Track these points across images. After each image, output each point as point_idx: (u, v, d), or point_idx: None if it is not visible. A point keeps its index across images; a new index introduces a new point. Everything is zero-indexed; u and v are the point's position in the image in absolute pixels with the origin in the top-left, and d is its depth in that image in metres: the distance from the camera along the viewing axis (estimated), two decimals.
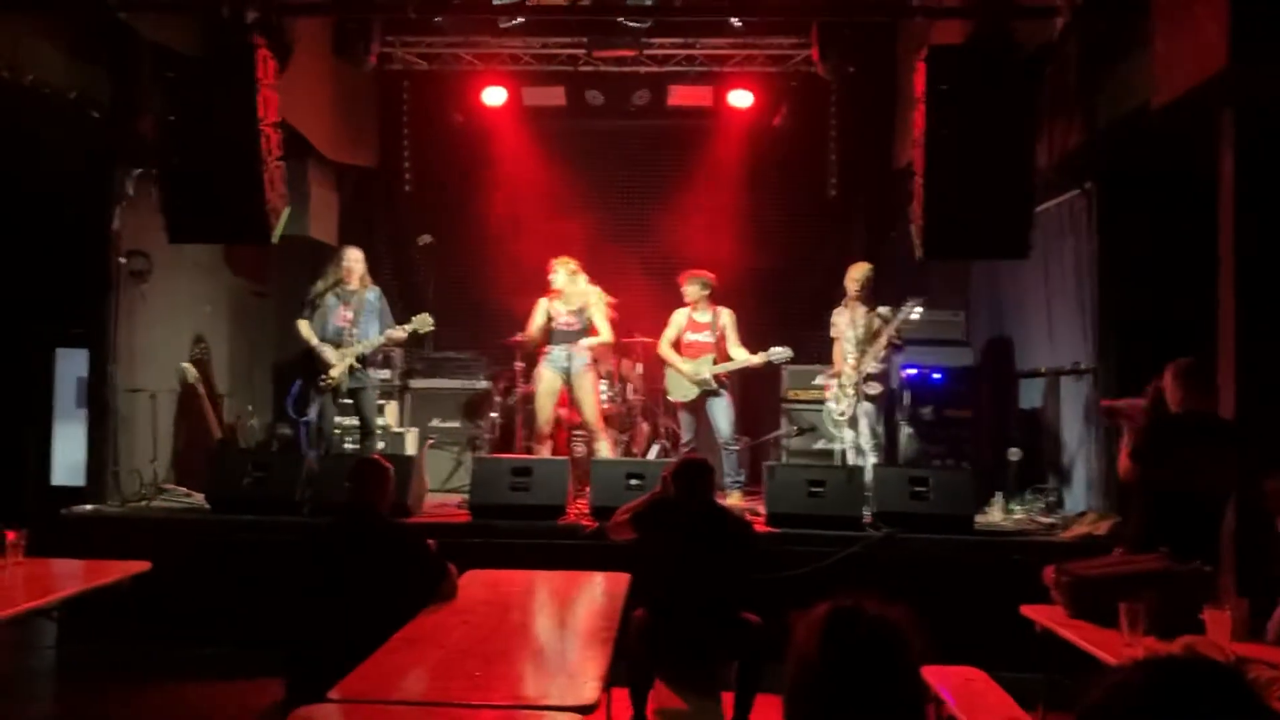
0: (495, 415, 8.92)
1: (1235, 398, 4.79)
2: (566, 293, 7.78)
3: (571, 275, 7.78)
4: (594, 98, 9.87)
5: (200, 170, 6.40)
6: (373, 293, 7.70)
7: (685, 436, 8.04)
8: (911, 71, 6.51)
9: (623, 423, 8.76)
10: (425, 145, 10.54)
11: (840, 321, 7.62)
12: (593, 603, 4.46)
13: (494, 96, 9.88)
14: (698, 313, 7.92)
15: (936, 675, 3.89)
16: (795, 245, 10.22)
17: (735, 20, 8.77)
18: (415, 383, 9.33)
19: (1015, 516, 7.05)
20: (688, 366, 7.80)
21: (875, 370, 7.42)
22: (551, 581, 4.87)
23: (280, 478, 6.72)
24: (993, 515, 7.12)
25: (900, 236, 7.67)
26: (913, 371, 8.41)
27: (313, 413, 7.51)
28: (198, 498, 7.16)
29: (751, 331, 8.02)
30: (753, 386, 9.19)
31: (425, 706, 2.94)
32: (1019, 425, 8.29)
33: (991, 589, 5.54)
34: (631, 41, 8.85)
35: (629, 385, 8.92)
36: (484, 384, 9.22)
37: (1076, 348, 7.27)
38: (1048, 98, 6.75)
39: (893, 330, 7.35)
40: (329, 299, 7.57)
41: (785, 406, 8.93)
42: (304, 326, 7.54)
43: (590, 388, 7.80)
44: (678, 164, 10.28)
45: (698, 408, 7.88)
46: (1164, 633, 3.45)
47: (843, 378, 7.47)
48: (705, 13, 8.58)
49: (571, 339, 7.76)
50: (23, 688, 5.81)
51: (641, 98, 9.80)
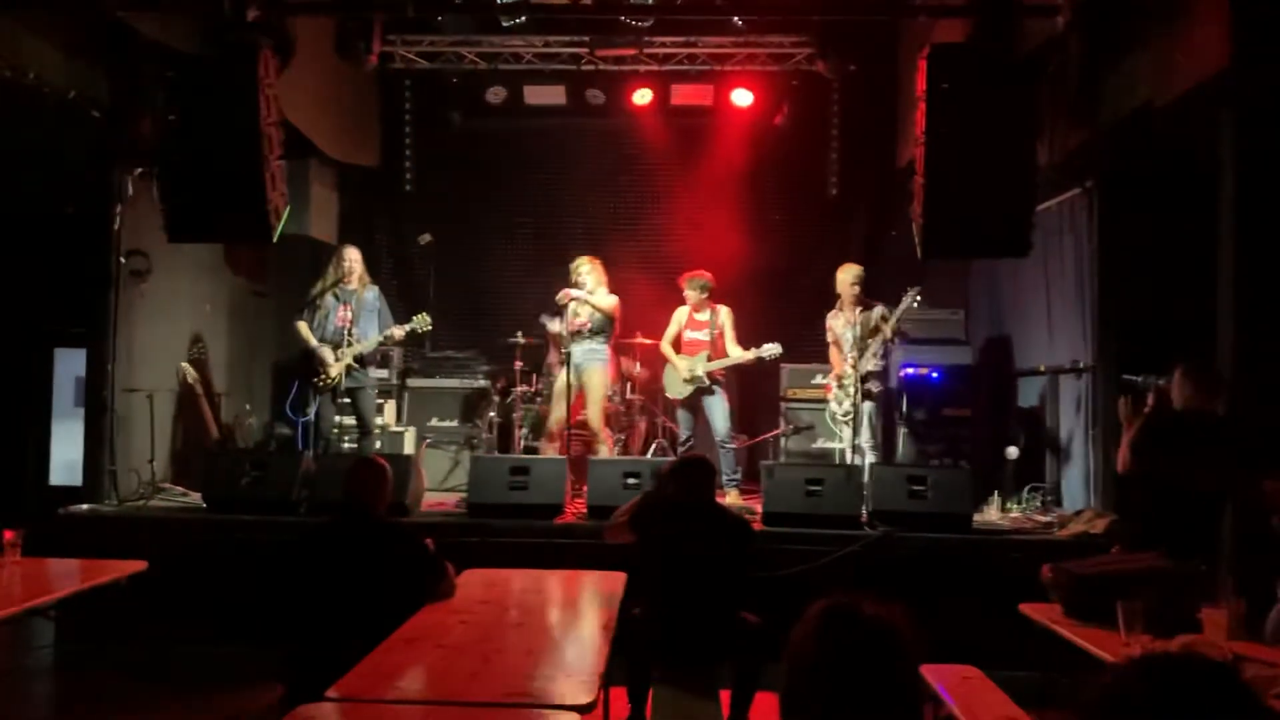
0: (493, 415, 8.92)
1: (1234, 397, 4.78)
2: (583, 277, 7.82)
3: (592, 272, 7.81)
4: (595, 97, 9.87)
5: (201, 170, 6.38)
6: (371, 292, 7.72)
7: (683, 435, 8.05)
8: (913, 70, 6.50)
9: (621, 422, 8.76)
10: (426, 144, 10.54)
11: (836, 324, 7.64)
12: (590, 602, 4.45)
13: (495, 95, 9.87)
14: (698, 312, 7.94)
15: (934, 673, 3.89)
16: (796, 244, 10.21)
17: (736, 19, 8.77)
18: (413, 382, 9.33)
19: (1013, 515, 7.05)
20: (682, 363, 7.82)
21: (875, 368, 7.43)
22: (549, 580, 4.86)
23: (278, 478, 6.71)
24: (990, 514, 7.11)
25: (901, 235, 7.66)
26: (911, 370, 8.41)
27: (311, 412, 7.52)
28: (195, 497, 7.16)
29: (752, 330, 8.02)
30: (753, 385, 9.19)
31: (423, 705, 2.93)
32: (1017, 424, 8.28)
33: (989, 588, 5.55)
34: (633, 40, 8.85)
35: (629, 384, 8.92)
36: (482, 383, 9.22)
37: (1076, 346, 7.27)
38: (1049, 97, 6.74)
39: (894, 322, 7.36)
40: (328, 299, 7.58)
41: (785, 405, 8.93)
42: (302, 327, 7.55)
43: (598, 387, 7.82)
44: (679, 163, 10.28)
45: (694, 405, 7.89)
46: (1161, 631, 3.45)
47: (844, 378, 7.48)
48: (706, 11, 8.58)
49: (587, 337, 7.81)
50: (19, 687, 5.81)
51: (643, 97, 9.79)
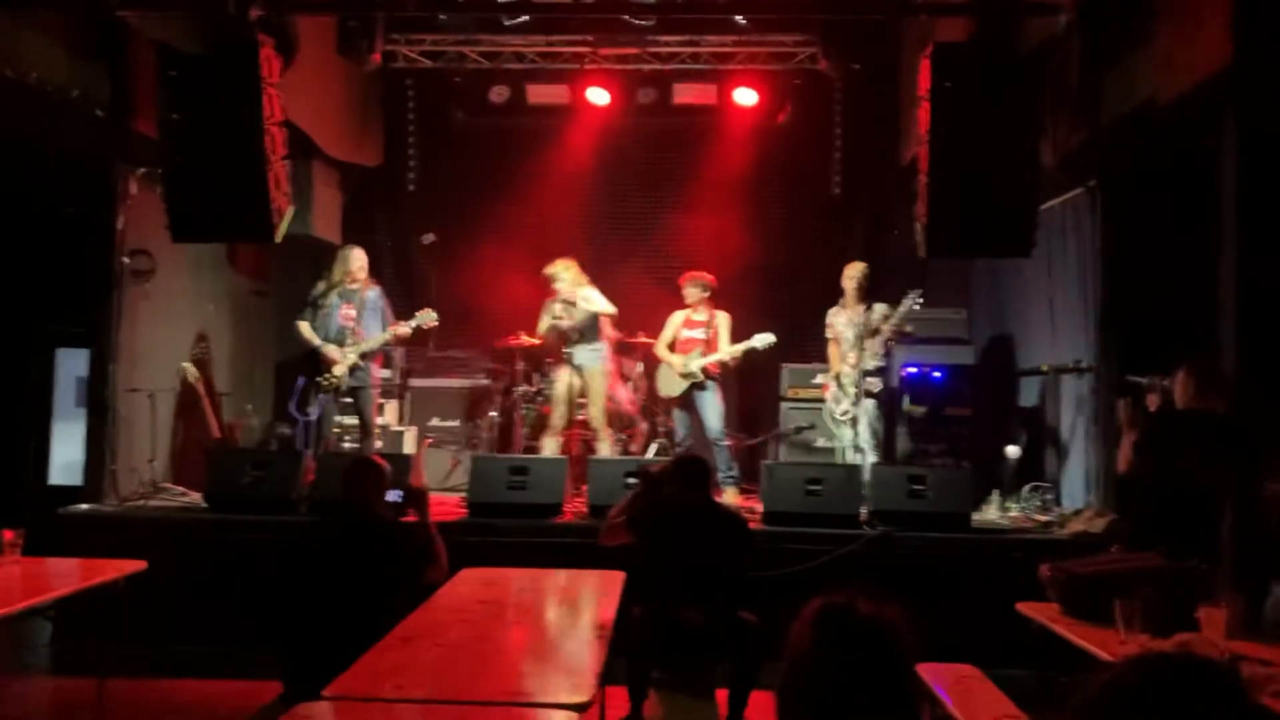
0: (495, 414, 8.91)
1: (1235, 396, 4.77)
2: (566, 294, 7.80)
3: (571, 273, 7.79)
4: (598, 96, 9.86)
5: (204, 169, 6.39)
6: (374, 291, 7.72)
7: (679, 434, 8.06)
8: (915, 69, 6.50)
9: (622, 421, 8.76)
10: (429, 144, 10.54)
11: (838, 322, 7.63)
12: (588, 601, 4.45)
13: (498, 95, 9.87)
14: (695, 313, 7.95)
15: (932, 672, 3.88)
16: (799, 242, 10.20)
17: (739, 18, 8.77)
18: (415, 381, 9.33)
19: (1013, 514, 7.04)
20: (677, 360, 7.84)
21: (874, 367, 7.42)
22: (548, 580, 4.86)
23: (279, 477, 6.71)
24: (990, 513, 7.11)
25: (904, 234, 7.65)
26: (913, 370, 8.41)
27: (314, 412, 7.52)
28: (195, 497, 7.16)
29: (754, 328, 8.01)
30: (753, 385, 9.18)
31: (421, 704, 2.93)
32: (1018, 423, 8.27)
33: (988, 586, 5.54)
34: (636, 40, 8.86)
35: (629, 384, 8.92)
36: (484, 382, 9.21)
37: (1078, 345, 7.25)
38: (1051, 95, 6.73)
39: (895, 324, 7.35)
40: (332, 298, 7.58)
41: (784, 405, 8.92)
42: (304, 327, 7.54)
43: (599, 386, 7.83)
44: (682, 162, 10.27)
45: (688, 404, 7.91)
46: (1159, 630, 3.44)
47: (843, 376, 7.48)
48: (709, 10, 8.58)
49: (584, 337, 7.83)
50: (18, 686, 5.81)
51: (646, 96, 9.79)
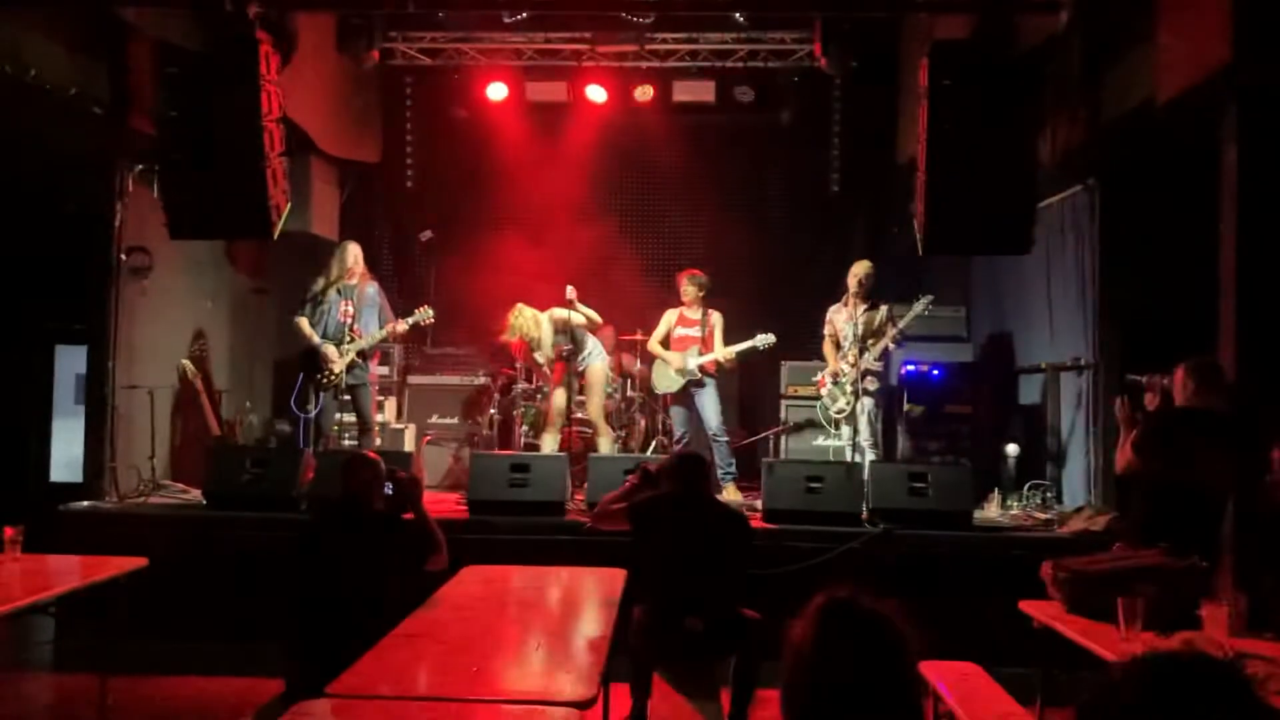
0: (494, 412, 8.91)
1: (1235, 394, 4.77)
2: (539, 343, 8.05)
3: (530, 322, 8.01)
4: (597, 93, 9.86)
5: (202, 166, 6.38)
6: (372, 288, 7.73)
7: (677, 432, 8.07)
8: (915, 67, 6.50)
9: (621, 419, 8.76)
10: (427, 141, 10.54)
11: (838, 319, 7.63)
12: (590, 599, 4.45)
13: (496, 92, 9.86)
14: (690, 310, 7.96)
15: (934, 670, 3.89)
16: (797, 241, 10.22)
17: (738, 15, 8.77)
18: (414, 379, 9.33)
19: (1013, 512, 7.04)
20: (674, 357, 7.85)
21: (874, 367, 7.42)
22: (549, 577, 4.85)
23: (278, 475, 6.70)
24: (991, 511, 7.12)
25: (902, 232, 7.66)
26: (912, 368, 8.41)
27: (313, 409, 7.52)
28: (195, 494, 7.15)
29: (753, 326, 8.02)
30: (753, 382, 9.19)
31: (423, 701, 2.93)
32: (1018, 421, 8.28)
33: (989, 584, 5.55)
34: (634, 37, 8.85)
35: (628, 381, 8.92)
36: (483, 380, 9.21)
37: (1077, 343, 7.26)
38: (1051, 93, 6.74)
39: (902, 326, 7.35)
40: (330, 295, 7.58)
41: (784, 402, 8.92)
42: (303, 323, 7.55)
43: (598, 383, 7.87)
44: (680, 159, 10.26)
45: (686, 401, 7.92)
46: (1162, 628, 3.44)
47: (842, 375, 7.48)
48: (708, 8, 8.57)
49: (578, 345, 7.95)
50: (19, 683, 5.81)
51: (644, 93, 9.78)
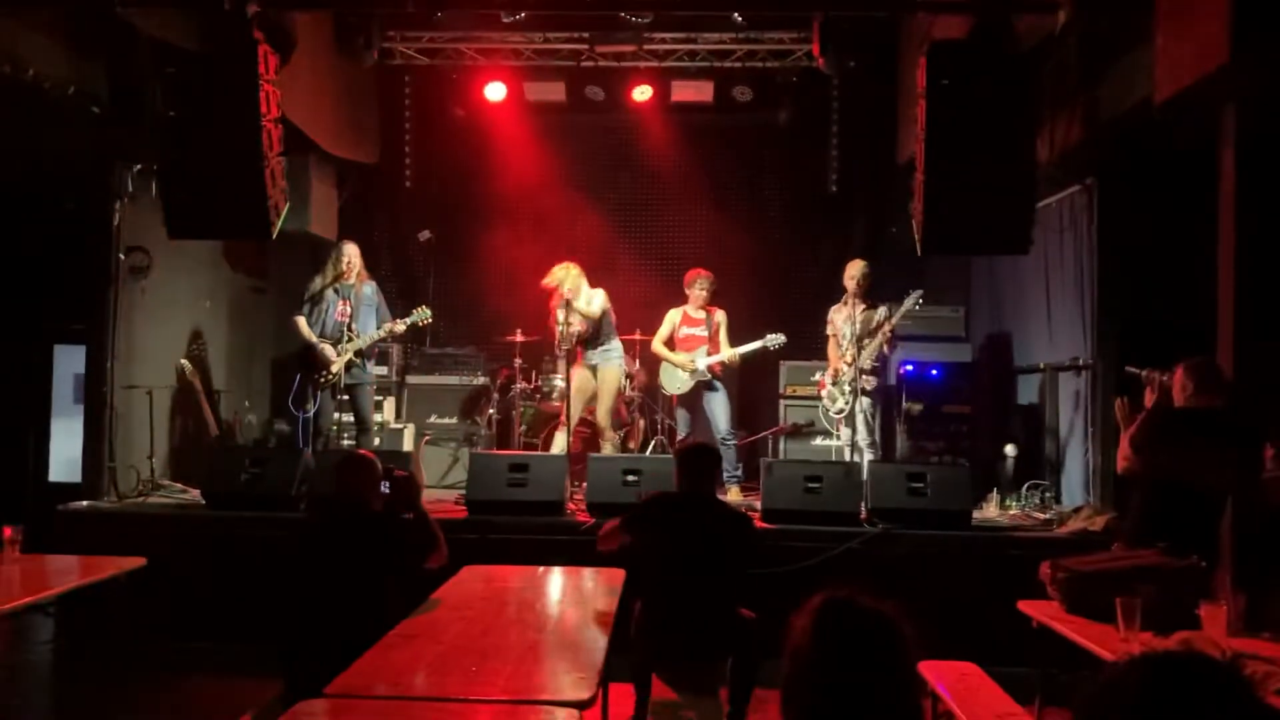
0: (493, 411, 8.91)
1: (1234, 394, 4.78)
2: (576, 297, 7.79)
3: (575, 279, 7.78)
4: (595, 93, 9.85)
5: (201, 166, 6.38)
6: (369, 287, 7.74)
7: (681, 432, 8.06)
8: (913, 67, 6.50)
9: (622, 419, 8.76)
10: (426, 141, 10.52)
11: (838, 319, 7.64)
12: (589, 598, 4.45)
13: (495, 92, 9.86)
14: (694, 310, 7.95)
15: (932, 670, 3.89)
16: (795, 241, 10.22)
17: (736, 15, 8.77)
18: (412, 378, 9.33)
19: (1012, 512, 7.05)
20: (682, 358, 7.83)
21: (872, 366, 7.43)
22: (548, 577, 4.86)
23: (277, 474, 6.70)
24: (989, 511, 7.12)
25: (901, 232, 7.66)
26: (911, 368, 8.42)
27: (312, 408, 7.52)
28: (194, 494, 7.15)
29: (752, 326, 8.03)
30: (752, 382, 9.19)
31: (422, 702, 2.93)
32: (1017, 421, 8.29)
33: (988, 584, 5.56)
34: (633, 37, 8.84)
35: (627, 382, 8.91)
36: (482, 380, 9.21)
37: (1076, 343, 7.27)
38: (1049, 93, 6.74)
39: (894, 323, 7.36)
40: (328, 295, 7.59)
41: (784, 402, 8.93)
42: (301, 323, 7.56)
43: (611, 386, 7.86)
44: (679, 160, 10.26)
45: (693, 402, 7.91)
46: (1160, 628, 3.45)
47: (840, 374, 7.48)
48: (706, 7, 8.57)
49: (596, 338, 7.87)
50: (19, 683, 5.81)
51: (642, 93, 9.78)
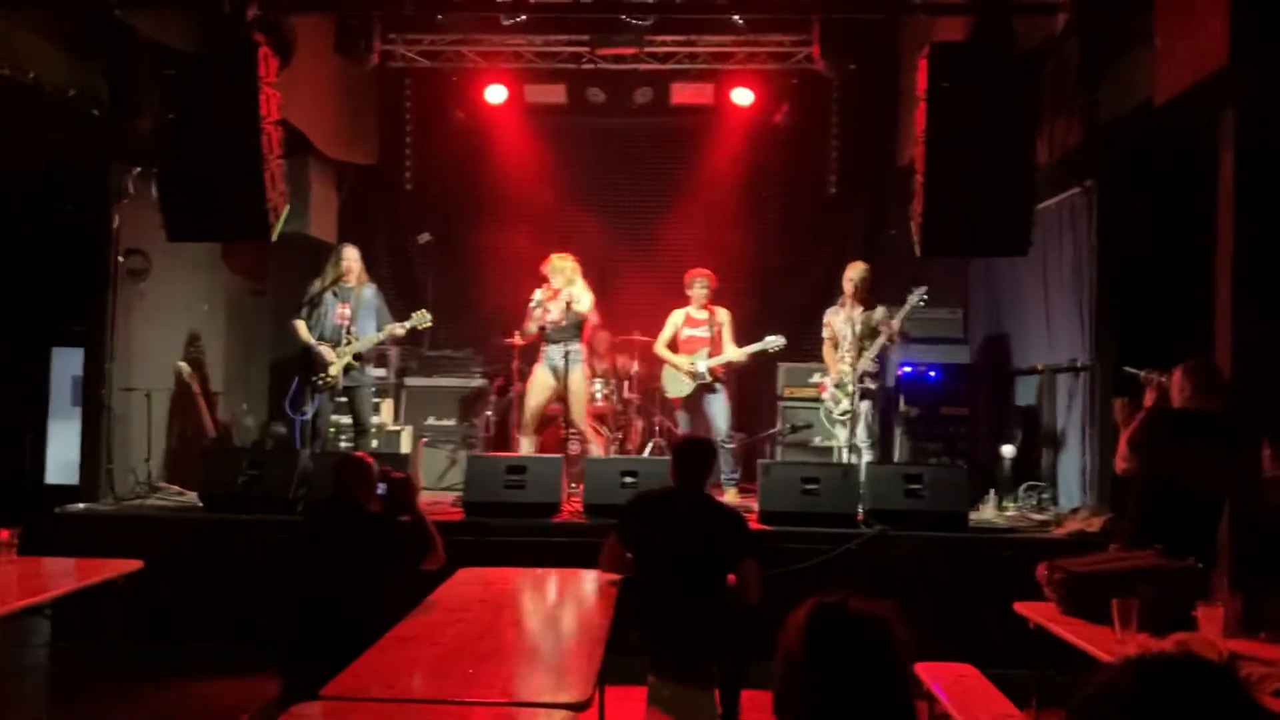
0: (490, 414, 8.91)
1: (1232, 395, 4.78)
2: (560, 290, 7.72)
3: (571, 272, 7.72)
4: (595, 95, 9.85)
5: (200, 168, 6.39)
6: (370, 290, 7.73)
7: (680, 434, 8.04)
8: (913, 69, 6.51)
9: (617, 420, 8.76)
10: (426, 143, 10.52)
11: (836, 321, 7.62)
12: (586, 600, 4.45)
13: (495, 94, 9.86)
14: (696, 311, 7.93)
15: (929, 671, 3.89)
16: (795, 242, 10.20)
17: (737, 17, 8.77)
18: (410, 381, 9.32)
19: (1009, 513, 7.05)
20: (683, 360, 7.81)
21: (871, 369, 7.42)
22: (545, 579, 4.86)
23: (274, 477, 6.70)
24: (987, 512, 7.11)
25: (900, 234, 7.66)
26: (909, 369, 8.41)
27: (309, 411, 7.51)
28: (191, 496, 7.16)
29: (751, 327, 8.02)
30: (750, 384, 9.18)
31: (419, 704, 2.93)
32: (1014, 422, 8.29)
33: (985, 586, 5.56)
34: (633, 39, 8.84)
35: (625, 383, 8.91)
36: (480, 382, 9.20)
37: (1074, 345, 7.27)
38: (1049, 95, 6.75)
39: (899, 323, 7.35)
40: (327, 297, 7.59)
41: (781, 404, 8.92)
42: (300, 326, 7.55)
43: (581, 387, 7.78)
44: (679, 162, 10.25)
45: (694, 405, 7.88)
46: (1157, 629, 3.44)
47: (842, 376, 7.47)
48: (707, 10, 8.57)
49: (565, 337, 7.71)
50: (16, 685, 5.81)
51: (643, 95, 9.78)
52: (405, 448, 8.63)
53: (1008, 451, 7.40)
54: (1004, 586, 4.54)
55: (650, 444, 8.76)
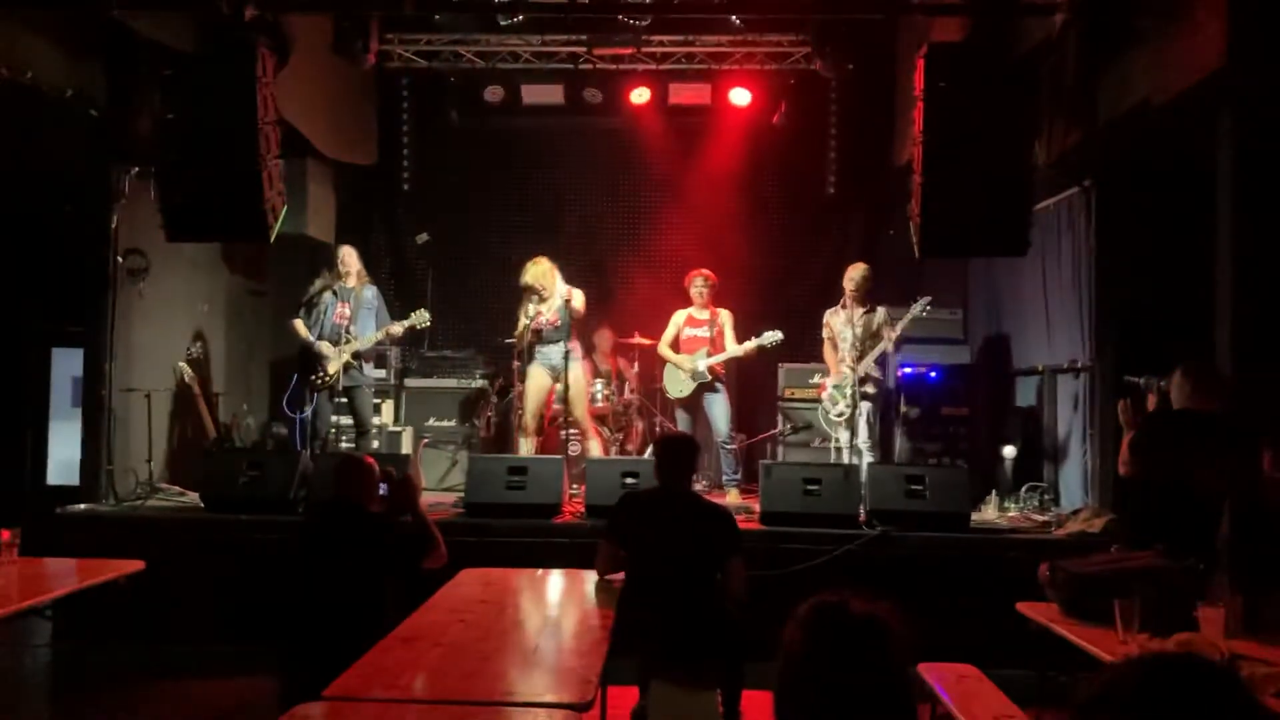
0: (491, 414, 8.91)
1: (1232, 396, 4.78)
2: (549, 291, 7.69)
3: (547, 272, 7.68)
4: (593, 96, 9.85)
5: (198, 168, 6.39)
6: (370, 290, 7.74)
7: None
8: (911, 70, 6.51)
9: (618, 421, 8.76)
10: (424, 143, 10.52)
11: (835, 322, 7.62)
12: (588, 601, 4.45)
13: (493, 94, 9.86)
14: (697, 311, 7.92)
15: (931, 672, 3.89)
16: (793, 243, 10.21)
17: (734, 18, 8.77)
18: (411, 381, 9.32)
19: (1010, 514, 7.05)
20: (684, 360, 7.81)
21: (872, 371, 7.42)
22: (547, 580, 4.86)
23: (275, 477, 6.70)
24: (988, 513, 7.12)
25: (898, 234, 7.67)
26: (909, 370, 8.42)
27: (309, 410, 7.51)
28: (192, 497, 7.16)
29: (751, 328, 8.02)
30: (750, 385, 9.19)
31: (420, 704, 2.93)
32: (1015, 423, 8.29)
33: (986, 586, 5.55)
34: (630, 39, 8.84)
35: (625, 384, 8.91)
36: (480, 383, 9.21)
37: (1074, 345, 7.27)
38: (1046, 96, 6.75)
39: (900, 329, 7.35)
40: (326, 297, 7.60)
41: (782, 405, 8.92)
42: (299, 325, 7.56)
43: (582, 388, 7.78)
44: (676, 162, 10.25)
45: (694, 405, 7.87)
46: (1158, 630, 3.45)
47: (841, 378, 7.48)
48: (704, 10, 8.57)
49: (561, 336, 7.68)
50: (17, 686, 5.80)
51: (640, 96, 9.78)
52: (406, 448, 8.63)
53: (1009, 452, 7.40)
54: (1006, 587, 4.54)
55: (651, 445, 8.76)
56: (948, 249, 6.96)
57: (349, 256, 7.70)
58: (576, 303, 7.61)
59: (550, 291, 7.62)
